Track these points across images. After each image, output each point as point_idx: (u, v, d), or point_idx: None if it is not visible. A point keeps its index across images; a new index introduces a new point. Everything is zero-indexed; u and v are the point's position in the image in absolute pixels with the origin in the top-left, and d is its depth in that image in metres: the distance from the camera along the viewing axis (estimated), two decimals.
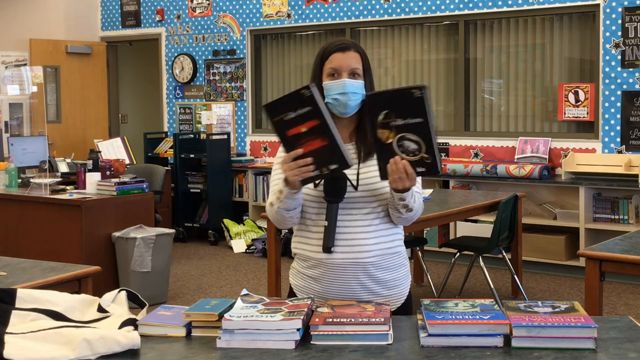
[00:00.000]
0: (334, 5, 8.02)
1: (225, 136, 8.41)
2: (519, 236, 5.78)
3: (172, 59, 9.20)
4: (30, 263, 3.17)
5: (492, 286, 5.41)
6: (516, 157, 6.98)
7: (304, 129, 2.16)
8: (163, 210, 7.70)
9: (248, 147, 8.71)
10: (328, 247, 2.35)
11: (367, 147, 2.39)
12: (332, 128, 2.17)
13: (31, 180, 6.22)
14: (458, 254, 5.64)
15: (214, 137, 8.34)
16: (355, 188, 2.38)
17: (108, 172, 6.03)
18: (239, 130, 8.75)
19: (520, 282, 5.76)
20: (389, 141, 2.21)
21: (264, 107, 2.23)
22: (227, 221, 8.07)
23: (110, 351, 1.93)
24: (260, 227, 7.95)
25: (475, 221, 6.79)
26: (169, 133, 9.15)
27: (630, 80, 6.50)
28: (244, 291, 2.31)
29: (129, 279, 5.57)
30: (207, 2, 8.90)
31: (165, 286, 5.84)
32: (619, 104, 6.56)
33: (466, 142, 7.34)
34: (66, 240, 5.63)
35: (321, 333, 1.99)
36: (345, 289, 2.40)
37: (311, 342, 1.99)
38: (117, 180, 5.86)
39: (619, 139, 6.57)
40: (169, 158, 8.65)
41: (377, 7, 7.75)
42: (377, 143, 2.24)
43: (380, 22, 7.83)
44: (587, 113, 6.73)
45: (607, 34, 6.57)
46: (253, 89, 8.73)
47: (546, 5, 6.89)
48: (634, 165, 6.32)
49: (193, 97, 9.10)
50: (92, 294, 2.38)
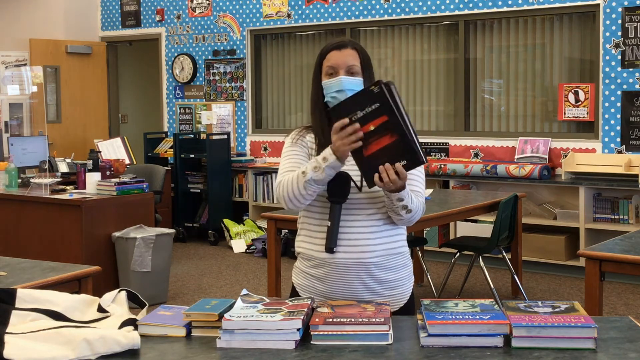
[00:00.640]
0: (334, 5, 8.02)
1: (225, 136, 8.41)
2: (519, 236, 5.78)
3: (172, 59, 9.20)
4: (30, 263, 3.17)
5: (492, 286, 5.41)
6: (516, 157, 6.98)
7: (372, 127, 2.12)
8: (163, 210, 7.70)
9: (248, 147, 8.71)
10: (330, 247, 2.35)
11: None
12: (403, 123, 2.11)
13: (31, 180, 6.22)
14: (458, 254, 5.64)
15: (214, 137, 8.34)
16: (359, 189, 2.38)
17: (108, 172, 6.03)
18: (239, 130, 8.76)
19: (520, 282, 5.76)
20: (368, 154, 2.17)
21: (329, 110, 2.20)
22: (227, 221, 8.07)
23: (110, 351, 1.93)
24: (260, 227, 7.95)
25: (475, 221, 6.79)
26: (169, 133, 9.15)
27: (630, 80, 6.50)
28: (244, 291, 2.31)
29: (129, 279, 5.57)
30: (207, 2, 8.90)
31: (165, 286, 5.84)
32: (619, 104, 6.56)
33: (466, 142, 7.34)
34: (66, 240, 5.63)
35: (321, 333, 1.99)
36: (348, 288, 2.41)
37: (311, 342, 1.99)
38: (117, 180, 5.86)
39: (619, 139, 6.57)
40: (169, 158, 8.65)
41: (377, 7, 7.75)
42: (353, 154, 2.22)
43: (380, 22, 7.83)
44: (587, 113, 6.73)
45: (607, 34, 6.58)
46: (253, 89, 8.73)
47: (546, 5, 6.89)
48: (634, 165, 6.32)
49: (193, 97, 9.10)
50: (92, 294, 2.38)
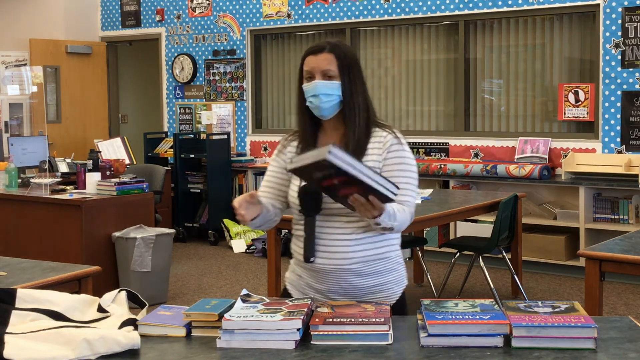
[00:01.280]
0: (334, 5, 8.02)
1: (225, 136, 8.41)
2: (519, 236, 5.78)
3: (172, 59, 9.20)
4: (30, 263, 3.17)
5: (492, 286, 5.41)
6: (516, 157, 6.98)
7: (335, 182, 2.14)
8: (163, 210, 7.69)
9: (248, 147, 8.71)
10: (307, 257, 2.35)
11: (352, 153, 2.33)
12: (362, 177, 2.10)
13: (31, 180, 6.22)
14: (458, 254, 5.64)
15: (214, 137, 8.34)
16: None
17: (108, 172, 6.03)
18: (239, 130, 8.76)
19: (520, 282, 5.75)
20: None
21: (291, 171, 2.22)
22: (227, 221, 8.07)
23: (110, 351, 1.93)
24: None
25: (475, 221, 6.79)
26: (169, 133, 9.15)
27: (630, 80, 6.50)
28: (244, 291, 2.31)
29: (129, 279, 5.57)
30: (207, 2, 8.90)
31: (165, 286, 5.84)
32: (619, 104, 6.56)
33: (466, 142, 7.34)
34: (66, 240, 5.63)
35: (321, 333, 1.99)
36: (332, 290, 2.41)
37: (311, 342, 1.99)
38: (117, 180, 5.85)
39: (619, 139, 6.57)
40: (169, 158, 8.65)
41: (377, 7, 7.75)
42: (325, 190, 2.23)
43: (380, 22, 7.83)
44: (587, 113, 6.73)
45: (607, 34, 6.57)
46: (253, 89, 8.73)
47: (546, 5, 6.89)
48: (634, 165, 6.32)
49: (193, 97, 9.10)
50: (92, 294, 2.38)
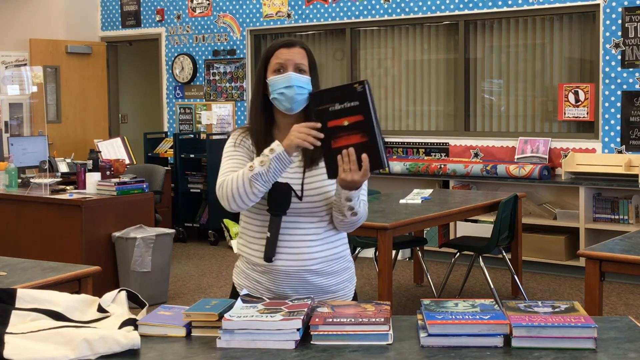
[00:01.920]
0: (334, 5, 8.02)
1: (225, 136, 8.38)
2: (519, 236, 5.78)
3: (172, 59, 9.20)
4: (30, 263, 3.18)
5: (492, 286, 5.41)
6: (516, 157, 6.98)
7: (345, 122, 2.12)
8: (163, 210, 7.70)
9: None
10: (269, 257, 2.33)
11: (312, 154, 2.34)
12: (376, 125, 2.12)
13: (31, 180, 6.22)
14: (458, 254, 5.64)
15: (214, 137, 8.34)
16: (300, 199, 2.35)
17: (108, 172, 6.02)
18: None
19: (520, 282, 5.75)
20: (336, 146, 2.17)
21: (310, 95, 2.20)
22: (227, 221, 8.07)
23: (110, 351, 1.93)
24: None
25: (475, 221, 6.79)
26: (169, 133, 9.15)
27: (630, 80, 6.50)
28: (244, 291, 2.31)
29: (129, 279, 5.57)
30: (207, 2, 8.90)
31: (165, 286, 5.84)
32: (619, 104, 6.56)
33: (466, 142, 7.34)
34: (66, 240, 5.63)
35: (321, 333, 1.99)
36: (291, 293, 2.38)
37: (311, 342, 1.99)
38: (117, 180, 5.85)
39: (619, 139, 6.57)
40: (169, 158, 8.65)
41: (377, 7, 7.75)
42: (323, 142, 2.20)
43: (380, 22, 7.83)
44: (587, 113, 6.73)
45: (607, 34, 6.57)
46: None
47: (546, 5, 6.89)
48: (634, 165, 6.32)
49: (193, 97, 9.10)
50: (92, 294, 2.38)
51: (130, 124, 10.28)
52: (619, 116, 6.57)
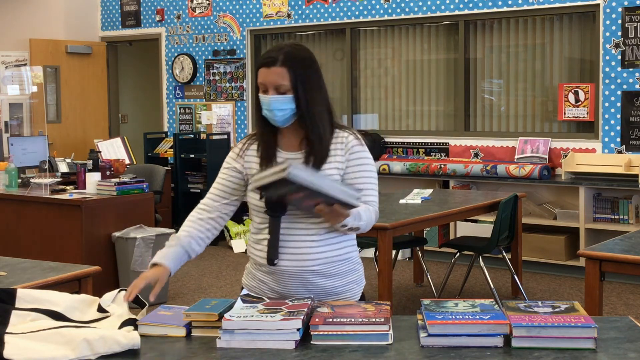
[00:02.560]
0: (334, 5, 8.02)
1: (225, 136, 8.41)
2: (519, 236, 5.78)
3: (172, 59, 9.20)
4: (30, 263, 3.18)
5: (492, 286, 5.41)
6: (516, 157, 6.98)
7: (300, 195, 2.18)
8: (163, 210, 7.69)
9: None
10: (271, 259, 2.34)
11: (315, 157, 2.37)
12: (323, 189, 2.16)
13: (31, 180, 6.22)
14: (458, 254, 5.64)
15: (214, 137, 8.34)
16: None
17: (108, 172, 6.02)
18: (239, 130, 8.75)
19: (520, 282, 5.75)
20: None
21: (257, 189, 2.27)
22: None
23: (110, 351, 1.93)
24: None
25: (475, 221, 6.79)
26: (169, 133, 9.15)
27: (630, 80, 6.50)
28: (244, 291, 2.31)
29: (129, 279, 5.56)
30: (207, 2, 8.90)
31: (165, 286, 5.82)
32: (619, 104, 6.56)
33: (466, 142, 7.34)
34: (66, 240, 5.62)
35: (321, 333, 1.99)
36: (294, 293, 2.39)
37: (311, 342, 1.99)
38: (117, 180, 5.85)
39: (619, 139, 6.57)
40: (169, 158, 8.65)
41: (377, 7, 7.75)
42: (291, 202, 2.29)
43: (380, 22, 7.82)
44: (587, 113, 6.73)
45: (607, 34, 6.57)
46: (253, 89, 8.70)
47: (546, 5, 6.89)
48: (634, 165, 6.32)
49: (193, 97, 9.10)
50: (92, 294, 2.38)
51: (130, 124, 10.27)
52: (619, 116, 6.57)
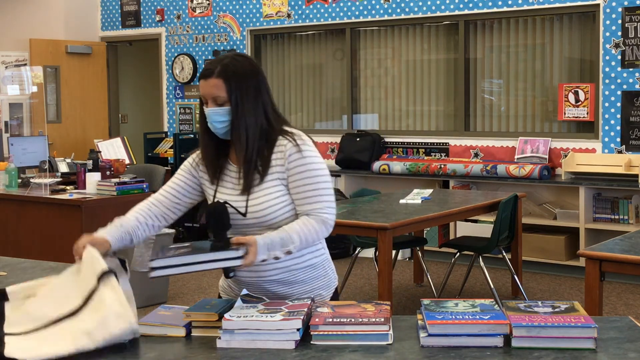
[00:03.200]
0: (334, 5, 8.02)
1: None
2: (519, 236, 5.78)
3: (172, 59, 9.20)
4: (30, 263, 3.18)
5: (492, 286, 5.41)
6: (516, 157, 6.98)
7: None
8: None
9: None
10: (227, 273, 2.33)
11: (255, 175, 2.35)
12: (196, 268, 2.20)
13: (31, 180, 6.22)
14: (458, 254, 5.64)
15: None
16: (244, 215, 2.36)
17: (108, 172, 6.02)
18: None
19: (520, 282, 5.75)
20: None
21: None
22: None
23: (110, 338, 1.94)
24: None
25: (475, 221, 6.79)
26: (169, 133, 9.15)
27: (630, 80, 6.50)
28: (244, 291, 2.31)
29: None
30: (207, 2, 8.90)
31: (165, 286, 5.84)
32: (619, 104, 6.56)
33: (466, 142, 7.34)
34: (66, 240, 5.59)
35: (321, 333, 1.99)
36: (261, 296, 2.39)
37: (311, 342, 1.99)
38: (117, 180, 5.85)
39: (619, 139, 6.57)
40: (169, 158, 8.65)
41: (377, 7, 7.75)
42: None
43: (380, 22, 7.82)
44: (587, 113, 6.73)
45: (607, 34, 6.57)
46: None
47: (546, 5, 6.89)
48: (634, 165, 6.32)
49: (193, 97, 9.10)
50: None
51: (130, 124, 10.27)
52: (619, 116, 6.57)
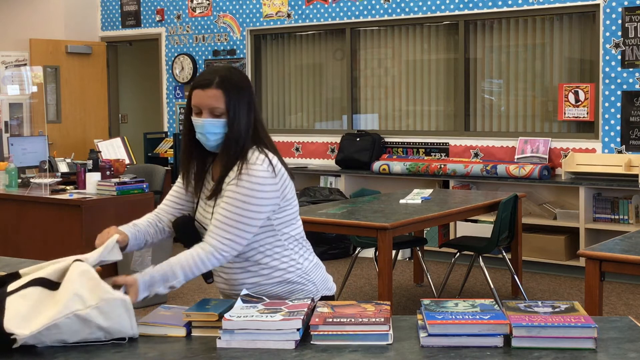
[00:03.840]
0: (334, 5, 8.02)
1: None
2: (519, 236, 5.78)
3: (172, 59, 9.20)
4: (30, 263, 3.17)
5: (492, 286, 5.41)
6: (516, 157, 6.98)
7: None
8: None
9: None
10: (206, 278, 2.37)
11: (219, 188, 2.34)
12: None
13: (31, 180, 6.21)
14: (458, 254, 5.64)
15: None
16: (205, 229, 2.37)
17: (108, 172, 6.02)
18: None
19: (520, 282, 5.75)
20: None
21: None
22: None
23: (100, 301, 1.97)
24: None
25: (475, 221, 6.79)
26: (169, 133, 9.15)
27: (630, 80, 6.50)
28: (244, 291, 2.31)
29: None
30: (207, 2, 8.90)
31: None
32: (619, 104, 6.56)
33: (466, 142, 7.34)
34: (66, 240, 5.62)
35: (321, 333, 1.99)
36: None
37: (311, 342, 1.99)
38: (117, 180, 5.85)
39: (619, 139, 6.57)
40: (169, 158, 8.65)
41: (377, 7, 7.75)
42: None
43: (380, 22, 7.82)
44: (587, 113, 6.73)
45: (607, 34, 6.57)
46: (253, 88, 8.71)
47: (546, 5, 6.89)
48: (634, 165, 6.32)
49: None
50: None
51: (130, 124, 10.28)
52: (619, 116, 6.57)
